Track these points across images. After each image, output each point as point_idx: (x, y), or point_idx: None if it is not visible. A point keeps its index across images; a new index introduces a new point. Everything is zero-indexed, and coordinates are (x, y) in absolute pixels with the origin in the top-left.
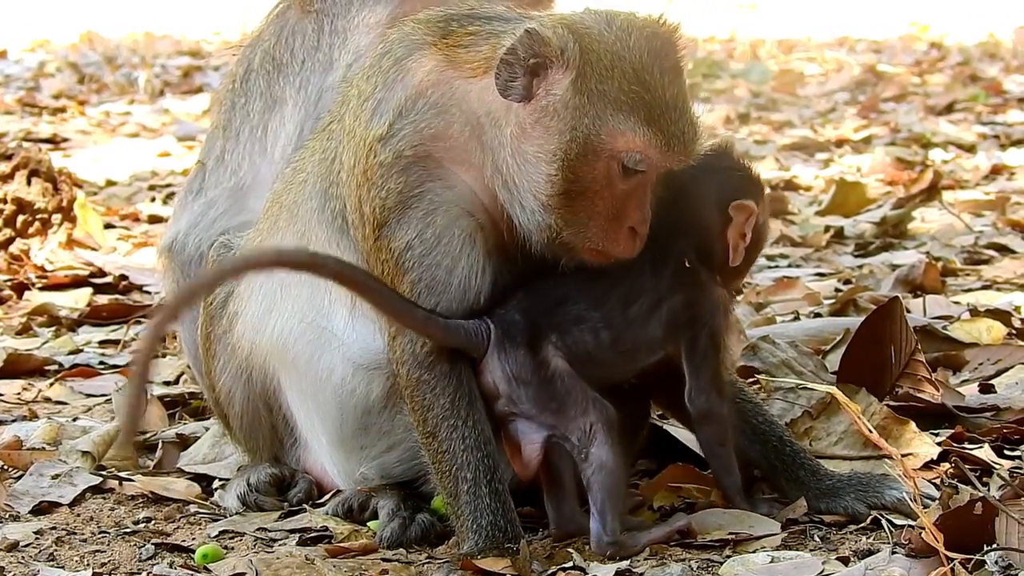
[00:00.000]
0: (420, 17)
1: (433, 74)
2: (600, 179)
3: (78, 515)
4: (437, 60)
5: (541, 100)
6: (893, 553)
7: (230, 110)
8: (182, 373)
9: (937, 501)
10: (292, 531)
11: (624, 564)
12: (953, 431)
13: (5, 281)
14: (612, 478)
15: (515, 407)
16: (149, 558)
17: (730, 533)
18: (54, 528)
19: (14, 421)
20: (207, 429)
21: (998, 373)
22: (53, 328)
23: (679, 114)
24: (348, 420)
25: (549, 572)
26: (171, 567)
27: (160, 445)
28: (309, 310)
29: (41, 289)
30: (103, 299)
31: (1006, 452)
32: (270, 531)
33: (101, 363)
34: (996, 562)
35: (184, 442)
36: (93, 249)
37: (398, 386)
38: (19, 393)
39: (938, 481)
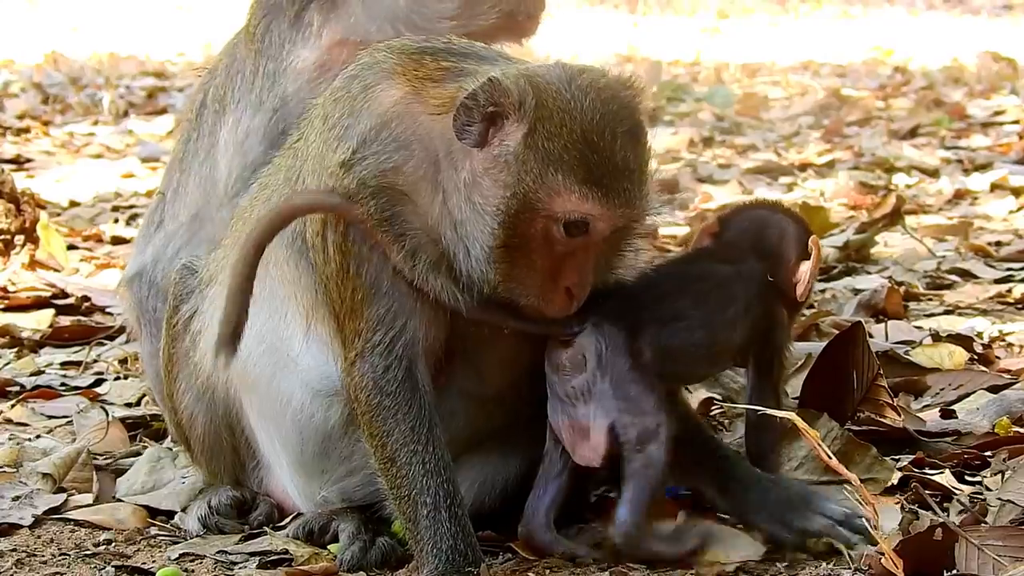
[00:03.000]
0: (394, 44)
1: (399, 105)
2: (539, 237)
3: (38, 537)
4: (405, 91)
5: (494, 149)
6: None
7: (185, 143)
8: (143, 395)
9: (897, 526)
10: (253, 554)
11: None
12: (914, 456)
13: None
14: (656, 480)
15: (592, 386)
16: None
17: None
18: (14, 550)
19: None
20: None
21: (959, 398)
22: (15, 349)
23: (625, 177)
24: (308, 444)
25: None
26: None
27: (94, 475)
28: (267, 332)
29: (3, 310)
30: (65, 320)
31: (967, 477)
32: (231, 554)
33: (63, 384)
34: None
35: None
36: (56, 270)
37: (355, 412)
38: None
39: (899, 506)
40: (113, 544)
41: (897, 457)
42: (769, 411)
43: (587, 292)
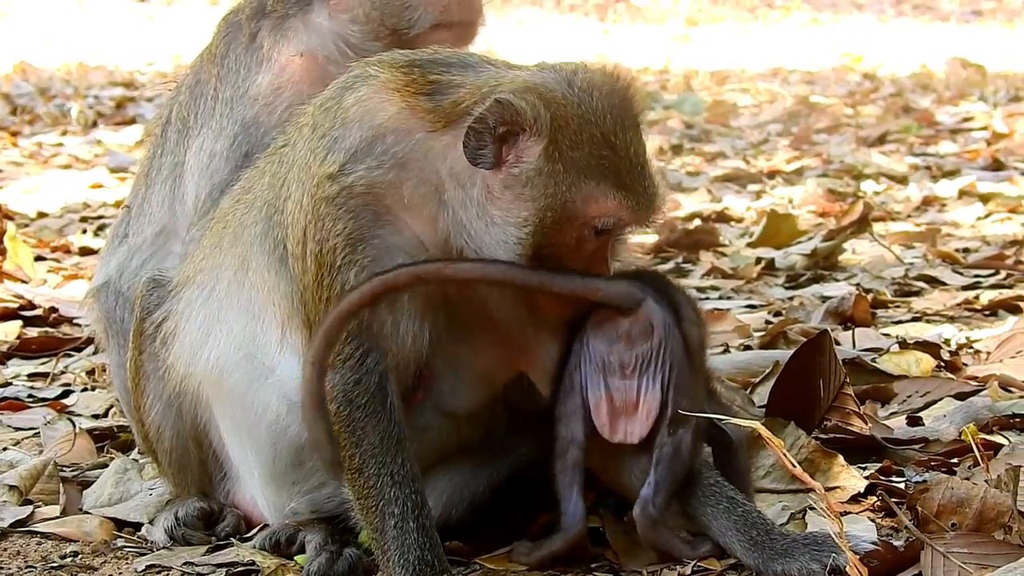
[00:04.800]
0: (384, 58)
1: (393, 120)
2: (571, 242)
3: (5, 549)
4: (400, 107)
5: (512, 168)
6: None
7: (151, 158)
8: (111, 406)
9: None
10: (219, 565)
11: None
12: (881, 464)
13: None
14: (683, 466)
15: (658, 354)
16: None
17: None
18: None
19: None
20: (137, 462)
21: (927, 405)
22: None
23: (645, 174)
24: (282, 455)
25: None
26: None
27: (61, 487)
28: (245, 339)
29: None
30: (33, 332)
31: None
32: (197, 565)
33: (30, 396)
34: None
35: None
36: (23, 282)
37: None
38: None
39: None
40: (80, 556)
41: (864, 465)
42: (735, 420)
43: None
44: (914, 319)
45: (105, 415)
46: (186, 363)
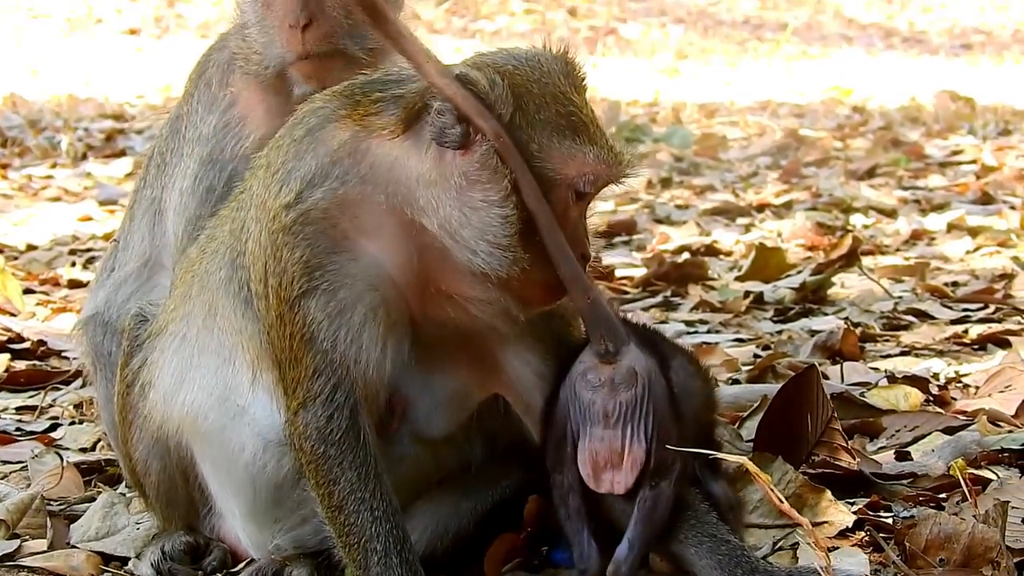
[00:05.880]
0: (327, 91)
1: (349, 144)
2: (557, 209)
3: None
4: (353, 130)
5: (483, 143)
6: None
7: (136, 192)
8: (99, 440)
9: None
10: None
11: None
12: (869, 499)
13: None
14: (662, 520)
15: (642, 403)
16: None
17: None
18: None
19: None
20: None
21: (915, 440)
22: None
23: (604, 130)
24: (261, 494)
25: None
26: None
27: (48, 521)
28: (217, 383)
29: None
30: (21, 365)
31: None
32: None
33: (18, 429)
34: None
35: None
36: (12, 314)
37: (299, 461)
38: None
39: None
40: None
41: (852, 500)
42: (722, 456)
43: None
44: (903, 353)
45: (93, 449)
46: (162, 411)
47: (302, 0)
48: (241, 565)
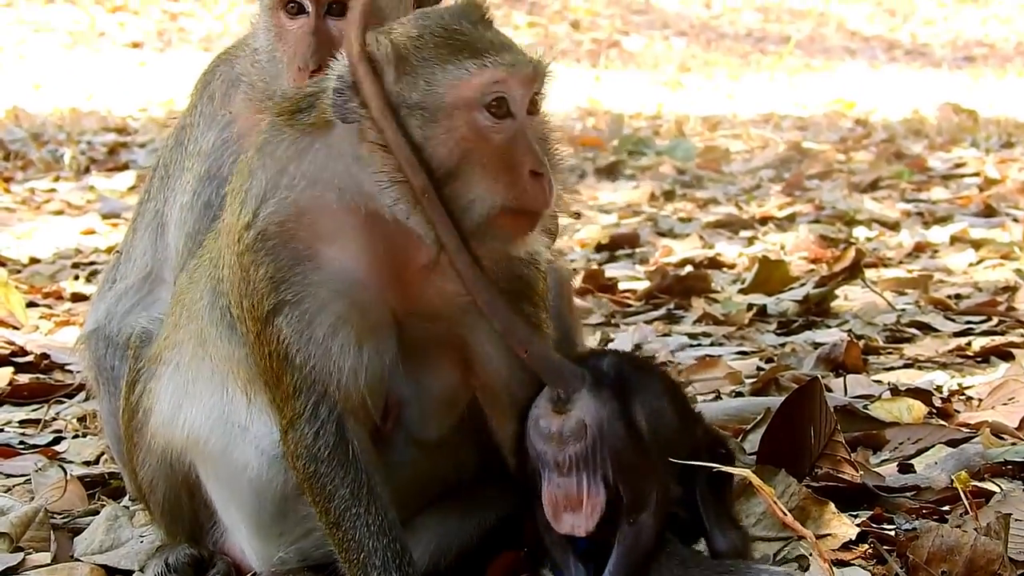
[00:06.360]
0: (272, 104)
1: (290, 150)
2: (471, 137)
3: None
4: (292, 137)
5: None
6: None
7: (140, 204)
8: (102, 453)
9: None
10: None
11: None
12: (872, 512)
13: None
14: (644, 553)
15: (593, 454)
16: None
17: None
18: None
19: None
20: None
21: (918, 452)
22: None
23: (504, 45)
24: (266, 508)
25: None
26: None
27: (52, 535)
28: (214, 408)
29: None
30: (24, 378)
31: None
32: None
33: (21, 443)
34: None
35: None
36: (15, 328)
37: (296, 478)
38: None
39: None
40: None
41: (855, 513)
42: (726, 469)
43: (551, 175)
44: (906, 366)
45: (96, 462)
46: (164, 437)
47: (314, 47)
48: None
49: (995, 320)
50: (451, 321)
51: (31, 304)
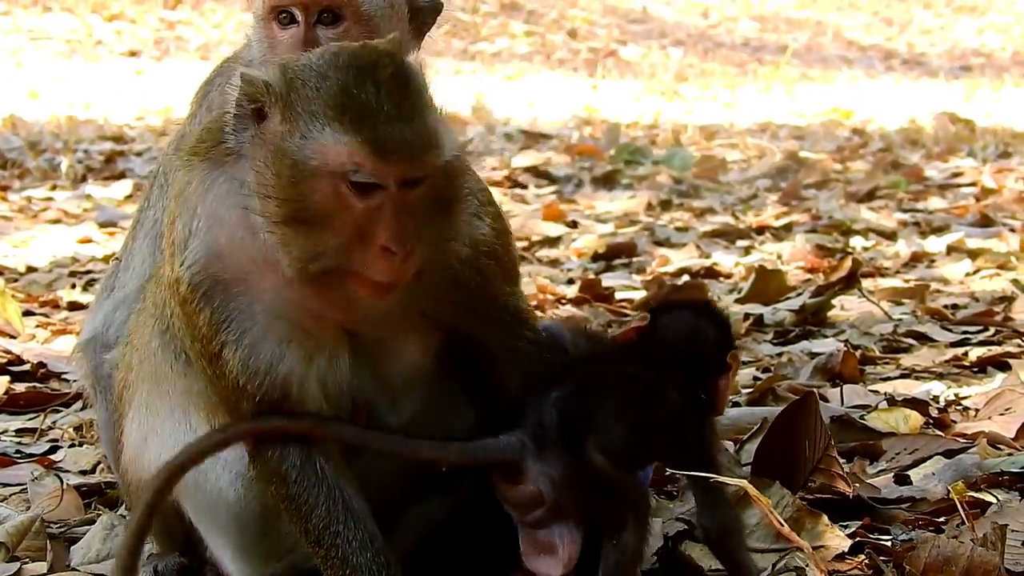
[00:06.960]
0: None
1: (201, 187)
2: (331, 202)
3: None
4: (201, 173)
5: (268, 142)
6: None
7: (140, 211)
8: (99, 462)
9: None
10: None
11: None
12: (862, 522)
13: None
14: (629, 563)
15: (556, 513)
16: None
17: None
18: None
19: None
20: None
21: (915, 463)
22: None
23: (397, 123)
24: (249, 530)
25: None
26: None
27: (48, 544)
28: (181, 439)
29: None
30: (20, 387)
31: None
32: None
33: (18, 452)
34: None
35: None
36: (11, 336)
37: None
38: None
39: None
40: None
41: (845, 524)
42: (722, 479)
43: (411, 252)
44: (903, 376)
45: (93, 471)
46: (134, 473)
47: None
48: None
49: (992, 330)
50: (400, 314)
51: (28, 313)
